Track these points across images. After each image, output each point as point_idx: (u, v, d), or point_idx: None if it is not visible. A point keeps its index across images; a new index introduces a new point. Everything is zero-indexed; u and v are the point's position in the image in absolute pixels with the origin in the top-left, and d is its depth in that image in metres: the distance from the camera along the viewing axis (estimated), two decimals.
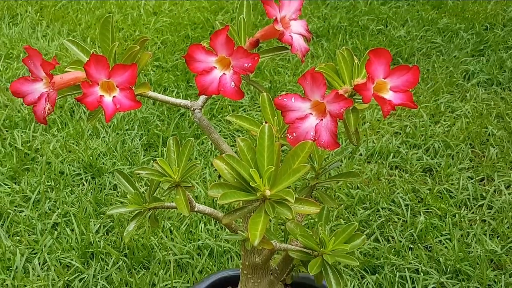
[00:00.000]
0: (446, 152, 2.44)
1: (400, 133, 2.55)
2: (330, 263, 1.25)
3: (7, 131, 2.50)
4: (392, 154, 2.41)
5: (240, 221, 1.44)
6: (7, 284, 1.81)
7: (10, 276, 1.84)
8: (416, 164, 2.37)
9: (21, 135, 2.47)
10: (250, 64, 1.18)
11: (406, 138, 2.51)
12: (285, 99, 1.14)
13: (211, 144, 2.43)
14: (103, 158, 2.35)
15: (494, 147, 2.46)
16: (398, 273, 1.87)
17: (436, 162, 2.38)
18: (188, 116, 2.61)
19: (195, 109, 1.32)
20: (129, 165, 2.33)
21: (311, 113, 1.14)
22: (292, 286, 1.64)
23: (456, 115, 2.67)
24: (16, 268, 1.86)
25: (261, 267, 1.43)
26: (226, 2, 3.67)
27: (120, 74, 1.15)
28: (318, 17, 3.50)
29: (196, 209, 1.31)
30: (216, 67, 1.21)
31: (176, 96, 2.73)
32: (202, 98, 1.32)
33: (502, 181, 2.29)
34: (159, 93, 2.73)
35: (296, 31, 1.26)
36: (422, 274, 1.87)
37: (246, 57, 1.18)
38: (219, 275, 1.67)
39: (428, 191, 2.23)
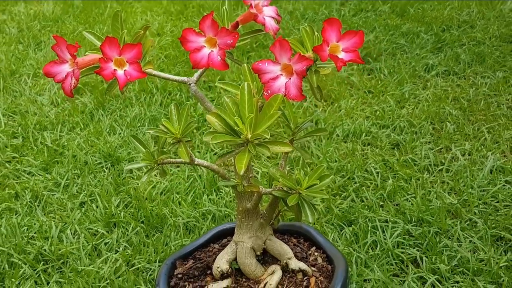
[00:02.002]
0: (410, 130, 2.59)
1: (370, 117, 2.70)
2: (304, 196, 1.41)
3: (38, 132, 2.67)
4: (364, 134, 2.56)
5: (233, 174, 1.58)
6: (45, 249, 1.95)
7: (47, 243, 1.99)
8: (385, 141, 2.52)
9: (50, 135, 2.63)
10: (232, 41, 1.35)
11: (376, 120, 2.66)
12: (260, 64, 1.30)
13: None
14: (119, 149, 2.51)
15: (451, 123, 2.61)
16: (370, 223, 2.01)
17: (402, 138, 2.53)
18: (190, 113, 2.77)
19: (190, 84, 1.49)
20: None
21: (281, 74, 1.31)
22: (281, 233, 1.78)
23: (418, 100, 2.83)
24: (52, 236, 2.01)
25: (252, 211, 1.58)
26: None
27: (129, 51, 1.32)
28: (298, 29, 3.68)
29: (196, 162, 1.47)
30: (205, 46, 1.37)
31: (179, 98, 2.89)
32: (196, 74, 1.49)
33: (458, 150, 2.44)
34: (164, 96, 2.91)
35: (268, 14, 1.43)
36: (390, 223, 2.01)
37: (228, 35, 1.35)
38: (218, 228, 1.82)
39: (396, 161, 2.38)
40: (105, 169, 2.41)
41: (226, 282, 1.59)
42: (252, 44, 3.46)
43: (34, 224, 2.08)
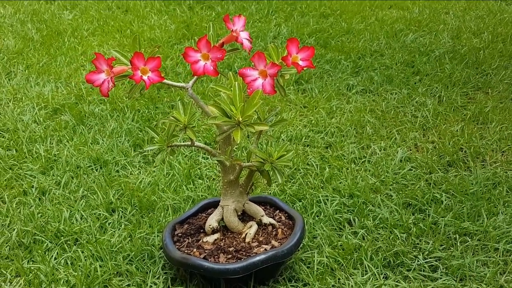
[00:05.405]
0: (339, 134, 3.24)
1: (307, 125, 3.33)
2: (275, 165, 1.97)
3: (30, 145, 3.08)
4: (304, 137, 3.18)
5: (219, 151, 2.11)
6: (61, 228, 2.39)
7: (61, 225, 2.42)
8: (320, 142, 3.15)
9: (42, 147, 3.05)
10: (221, 55, 1.91)
11: (312, 127, 3.30)
12: (244, 70, 1.88)
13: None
14: (105, 155, 2.97)
15: (370, 128, 3.29)
16: (315, 199, 2.61)
17: (333, 140, 3.17)
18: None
19: (188, 88, 2.02)
20: (124, 157, 2.96)
21: (258, 77, 1.88)
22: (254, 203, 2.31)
23: (343, 112, 3.50)
24: (64, 220, 2.45)
25: (234, 182, 2.12)
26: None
27: (152, 63, 1.84)
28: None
29: (195, 144, 2.00)
30: (200, 59, 1.91)
31: (148, 114, 3.40)
32: (191, 81, 2.03)
33: (376, 146, 3.10)
34: (134, 114, 3.39)
35: (244, 37, 2.01)
36: (330, 197, 2.61)
37: (218, 51, 1.91)
38: (204, 202, 2.35)
39: (330, 156, 3.00)
40: (95, 171, 2.87)
41: (217, 235, 2.12)
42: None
43: (46, 212, 2.51)
